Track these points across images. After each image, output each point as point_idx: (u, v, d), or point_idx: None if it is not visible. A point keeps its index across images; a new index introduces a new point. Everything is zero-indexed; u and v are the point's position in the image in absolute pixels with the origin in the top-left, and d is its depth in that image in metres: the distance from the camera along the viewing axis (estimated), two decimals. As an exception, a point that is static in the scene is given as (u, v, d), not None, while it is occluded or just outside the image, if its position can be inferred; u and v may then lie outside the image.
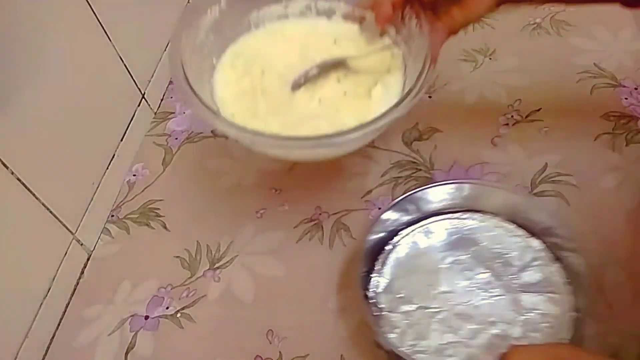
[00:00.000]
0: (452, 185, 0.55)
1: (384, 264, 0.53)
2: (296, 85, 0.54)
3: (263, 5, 0.58)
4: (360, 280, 0.50)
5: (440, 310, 0.50)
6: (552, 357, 0.32)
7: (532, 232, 0.53)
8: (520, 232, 0.54)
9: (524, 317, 0.48)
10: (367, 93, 0.53)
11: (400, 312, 0.50)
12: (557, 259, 0.51)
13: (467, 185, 0.55)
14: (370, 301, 0.51)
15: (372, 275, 0.52)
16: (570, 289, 0.49)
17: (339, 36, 0.57)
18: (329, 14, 0.59)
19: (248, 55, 0.57)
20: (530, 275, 0.51)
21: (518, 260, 0.52)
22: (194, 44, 0.52)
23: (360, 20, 0.56)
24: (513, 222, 0.54)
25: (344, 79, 0.55)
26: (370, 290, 0.52)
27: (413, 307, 0.50)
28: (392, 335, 0.48)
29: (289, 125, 0.51)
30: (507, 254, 0.53)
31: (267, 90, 0.54)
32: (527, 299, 0.49)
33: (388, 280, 0.52)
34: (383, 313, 0.50)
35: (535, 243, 0.53)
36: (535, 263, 0.52)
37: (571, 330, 0.46)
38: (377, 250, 0.54)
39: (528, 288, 0.50)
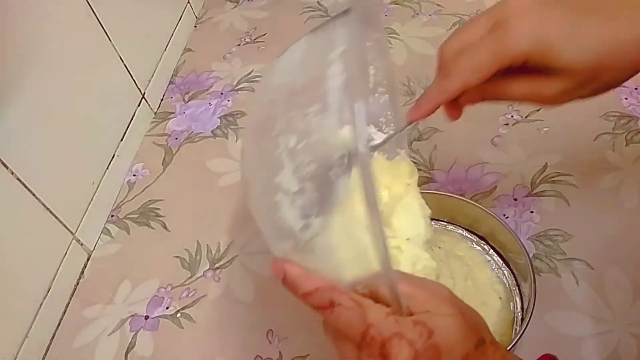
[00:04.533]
0: None
1: None
2: None
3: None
4: None
5: None
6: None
7: (481, 237, 0.55)
8: (471, 236, 0.55)
9: None
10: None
11: None
12: (505, 262, 0.52)
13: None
14: None
15: None
16: (517, 291, 0.50)
17: None
18: None
19: None
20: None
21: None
22: None
23: None
24: (465, 228, 0.56)
25: None
26: None
27: None
28: None
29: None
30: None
31: None
32: None
33: None
34: None
35: (485, 247, 0.54)
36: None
37: (518, 327, 0.47)
38: None
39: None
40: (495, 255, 0.53)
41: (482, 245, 0.54)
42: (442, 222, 0.56)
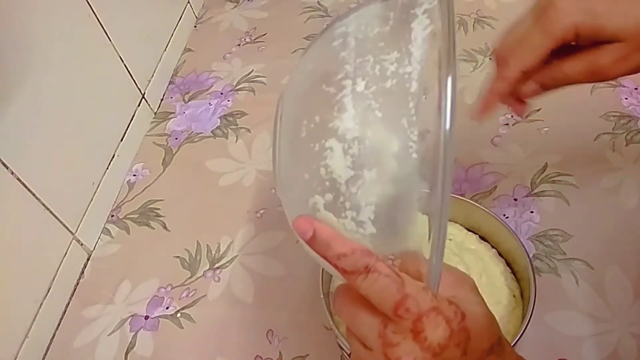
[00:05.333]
0: None
1: None
2: None
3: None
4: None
5: None
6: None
7: (481, 237, 0.53)
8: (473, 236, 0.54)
9: None
10: None
11: None
12: (506, 262, 0.51)
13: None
14: None
15: None
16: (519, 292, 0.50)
17: None
18: None
19: None
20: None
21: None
22: None
23: None
24: (465, 228, 0.54)
25: None
26: None
27: None
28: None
29: None
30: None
31: None
32: None
33: None
34: None
35: (487, 246, 0.53)
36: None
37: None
38: None
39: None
40: None
41: None
42: None
